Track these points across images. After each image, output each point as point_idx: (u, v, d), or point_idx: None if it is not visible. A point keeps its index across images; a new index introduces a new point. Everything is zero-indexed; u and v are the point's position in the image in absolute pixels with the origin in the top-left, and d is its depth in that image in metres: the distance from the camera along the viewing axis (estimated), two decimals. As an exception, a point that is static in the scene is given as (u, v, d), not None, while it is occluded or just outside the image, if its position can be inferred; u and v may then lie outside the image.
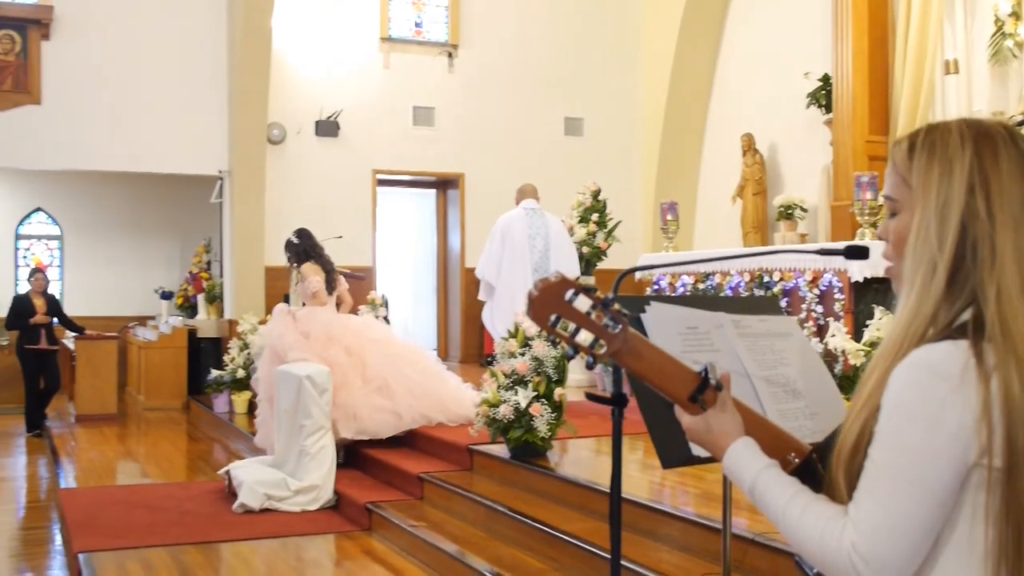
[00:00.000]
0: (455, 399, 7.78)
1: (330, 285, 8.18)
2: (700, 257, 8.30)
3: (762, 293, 7.82)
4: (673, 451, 2.16)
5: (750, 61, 12.47)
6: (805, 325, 7.40)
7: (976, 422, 1.49)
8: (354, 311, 8.60)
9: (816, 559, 1.59)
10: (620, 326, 1.66)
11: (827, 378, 2.36)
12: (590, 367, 1.38)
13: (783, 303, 7.66)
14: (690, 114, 13.35)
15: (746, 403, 1.85)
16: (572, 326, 1.66)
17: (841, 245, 2.37)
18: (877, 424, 1.55)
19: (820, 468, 1.71)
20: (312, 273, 8.08)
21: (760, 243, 11.18)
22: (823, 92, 10.55)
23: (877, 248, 1.88)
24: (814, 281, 7.37)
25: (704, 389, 1.73)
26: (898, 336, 1.59)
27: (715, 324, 2.22)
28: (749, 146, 11.64)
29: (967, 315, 1.55)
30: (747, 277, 8.05)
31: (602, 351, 1.67)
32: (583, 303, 1.65)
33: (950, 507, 1.52)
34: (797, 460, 1.76)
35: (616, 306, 1.66)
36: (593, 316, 1.65)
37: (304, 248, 8.31)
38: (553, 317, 1.66)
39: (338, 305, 8.31)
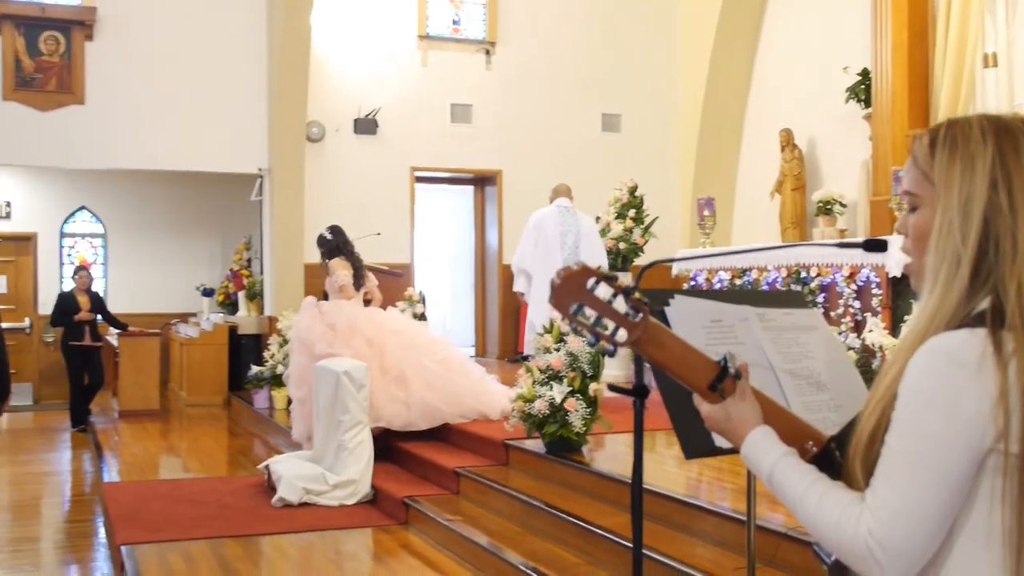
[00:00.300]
0: (475, 393, 7.83)
1: (358, 281, 8.30)
2: (722, 251, 8.28)
3: (799, 288, 7.78)
4: (695, 441, 2.18)
5: (789, 55, 12.39)
6: (842, 320, 7.36)
7: (993, 408, 1.50)
8: (383, 307, 8.69)
9: (833, 545, 1.61)
10: (641, 315, 1.68)
11: (852, 371, 2.36)
12: (610, 355, 1.42)
13: (820, 299, 7.62)
14: (728, 109, 13.29)
15: (770, 395, 1.87)
16: (594, 314, 1.68)
17: (861, 239, 2.37)
18: (895, 411, 1.56)
19: (838, 457, 1.73)
20: (340, 267, 8.24)
21: (799, 239, 11.11)
22: (862, 86, 10.47)
23: (896, 242, 1.88)
24: (851, 276, 7.33)
25: (723, 378, 1.75)
26: (920, 329, 1.61)
27: (740, 317, 2.24)
28: (787, 141, 11.57)
29: (985, 304, 1.56)
30: (784, 272, 8.01)
31: (623, 339, 1.69)
32: (604, 291, 1.68)
33: (966, 493, 1.53)
34: (815, 449, 1.78)
35: (637, 295, 1.68)
36: (614, 304, 1.68)
37: (336, 244, 8.50)
38: (575, 305, 1.68)
39: (368, 302, 8.41)
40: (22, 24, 12.20)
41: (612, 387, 2.32)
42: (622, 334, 1.70)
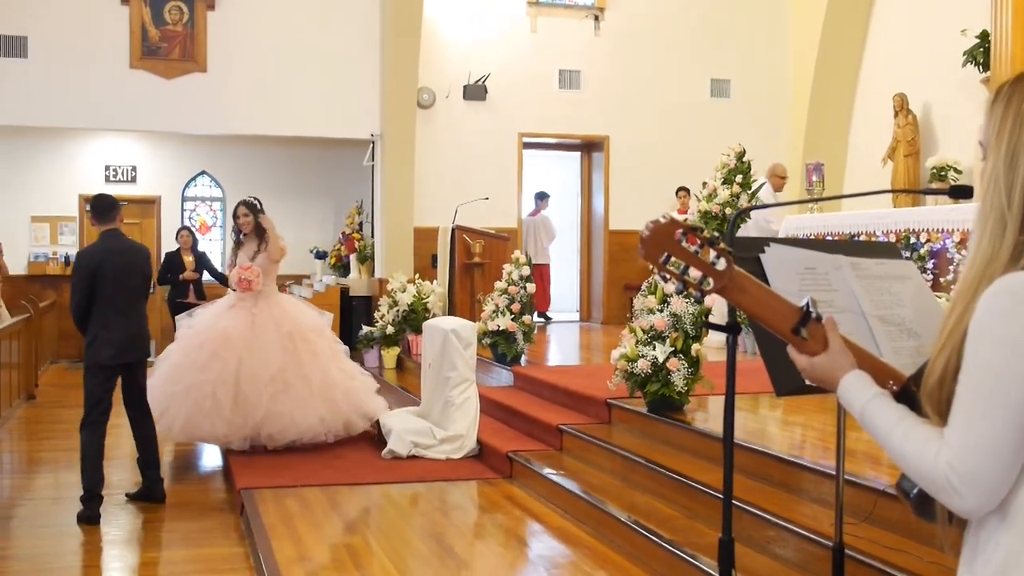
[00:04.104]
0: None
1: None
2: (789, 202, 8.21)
3: (908, 255, 7.70)
4: (787, 380, 2.27)
5: (904, 18, 12.12)
6: (952, 287, 7.26)
7: None
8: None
9: (917, 477, 1.71)
10: (726, 263, 1.80)
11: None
12: (699, 302, 1.48)
13: (929, 264, 7.53)
14: (840, 74, 13.07)
15: (861, 341, 1.96)
16: (682, 264, 1.80)
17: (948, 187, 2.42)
18: (964, 350, 1.65)
19: (918, 395, 1.82)
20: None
21: (911, 206, 10.92)
22: (981, 49, 10.20)
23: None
24: (963, 243, 7.23)
25: (806, 322, 1.85)
26: (974, 277, 1.69)
27: (833, 266, 2.32)
28: (902, 106, 11.35)
29: None
30: (893, 239, 7.93)
31: (709, 287, 1.81)
32: (691, 242, 1.79)
33: None
34: (895, 388, 1.87)
35: (722, 244, 1.80)
36: (700, 254, 1.79)
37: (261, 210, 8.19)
38: (664, 256, 1.80)
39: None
40: (148, -6, 12.70)
41: (707, 323, 2.44)
42: (708, 282, 1.81)
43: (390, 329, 11.25)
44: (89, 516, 6.15)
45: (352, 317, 13.38)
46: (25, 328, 10.82)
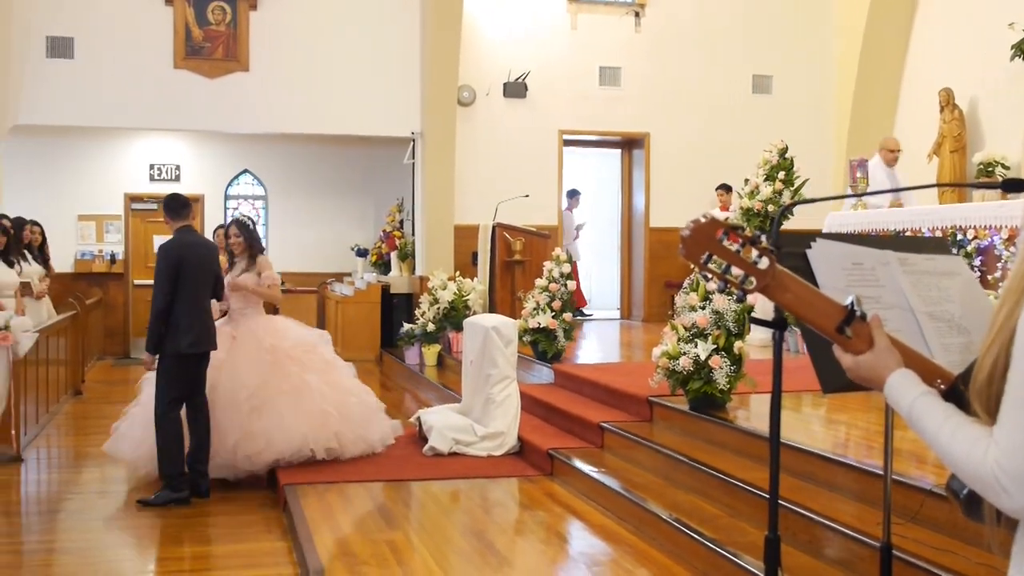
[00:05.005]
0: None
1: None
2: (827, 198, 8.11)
3: (955, 252, 7.59)
4: (833, 377, 2.25)
5: (950, 11, 11.96)
6: (1000, 284, 7.16)
7: None
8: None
9: (965, 476, 1.69)
10: (768, 262, 1.78)
11: (994, 316, 2.38)
12: (740, 301, 1.47)
13: (976, 262, 7.43)
14: (885, 68, 12.93)
15: (909, 337, 1.94)
16: (724, 263, 1.79)
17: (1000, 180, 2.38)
18: (1013, 348, 1.62)
19: (967, 394, 1.79)
20: (269, 266, 7.57)
21: (957, 202, 10.78)
22: (1029, 43, 10.06)
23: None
24: (1011, 239, 7.12)
25: (851, 320, 1.83)
26: None
27: (881, 261, 2.29)
28: (948, 101, 11.21)
29: None
30: (939, 235, 7.82)
31: (752, 286, 1.79)
32: (733, 241, 1.78)
33: None
34: (943, 387, 1.84)
35: (764, 243, 1.78)
36: (742, 253, 1.78)
37: (256, 237, 7.70)
38: (705, 255, 1.79)
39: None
40: (192, -6, 12.83)
41: (753, 319, 2.42)
42: (750, 281, 1.79)
43: (431, 326, 11.28)
44: (178, 498, 6.40)
45: (393, 314, 13.44)
46: (72, 325, 10.97)
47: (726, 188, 12.92)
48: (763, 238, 1.82)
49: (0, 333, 7.47)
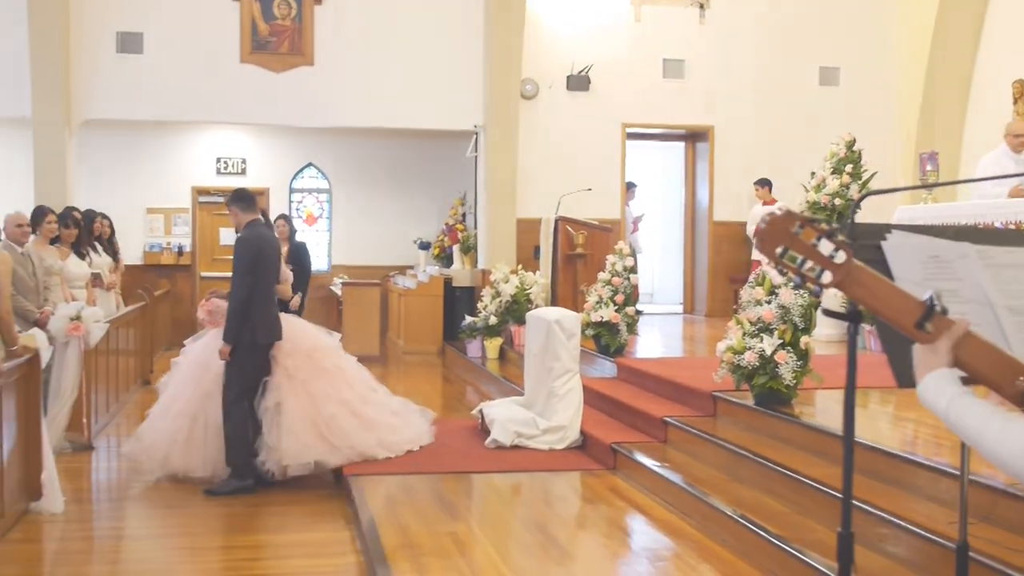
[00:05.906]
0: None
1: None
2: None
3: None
4: (908, 371, 2.20)
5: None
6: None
7: None
8: None
9: (1017, 473, 1.64)
10: (844, 256, 1.74)
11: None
12: (816, 296, 1.45)
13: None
14: (955, 59, 12.65)
15: (988, 331, 1.89)
16: (800, 257, 1.75)
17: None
18: None
19: None
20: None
21: (1030, 196, 10.51)
22: (1108, 32, 9.77)
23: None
24: (1088, 233, 6.93)
25: (930, 316, 1.78)
26: None
27: (959, 254, 2.23)
28: (1021, 93, 10.92)
29: None
30: (1012, 228, 7.64)
31: (827, 280, 1.75)
32: (809, 235, 1.74)
33: None
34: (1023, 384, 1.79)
35: (840, 237, 1.74)
36: (818, 247, 1.74)
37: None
38: (780, 249, 1.75)
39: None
40: (258, -10, 12.98)
41: (827, 311, 2.38)
42: (826, 275, 1.76)
43: (493, 320, 11.30)
44: (244, 487, 6.52)
45: (455, 307, 13.48)
46: (141, 316, 11.17)
47: (763, 183, 12.75)
48: (839, 232, 1.78)
49: (72, 323, 7.61)
